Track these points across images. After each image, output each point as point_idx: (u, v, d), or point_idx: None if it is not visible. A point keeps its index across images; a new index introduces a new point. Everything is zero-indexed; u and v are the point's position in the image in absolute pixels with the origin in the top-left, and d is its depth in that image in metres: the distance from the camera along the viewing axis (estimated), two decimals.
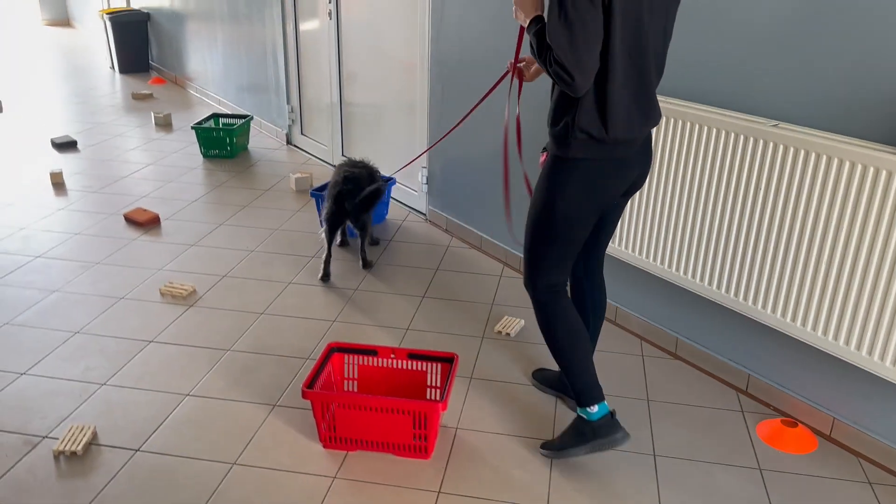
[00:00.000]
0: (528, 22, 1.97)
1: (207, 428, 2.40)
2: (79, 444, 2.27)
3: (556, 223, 2.06)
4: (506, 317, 3.10)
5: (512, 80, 2.32)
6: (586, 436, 2.20)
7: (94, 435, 2.34)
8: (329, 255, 3.46)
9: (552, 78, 1.88)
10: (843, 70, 2.16)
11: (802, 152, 2.20)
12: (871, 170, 2.05)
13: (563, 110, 1.96)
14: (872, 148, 2.07)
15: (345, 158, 4.02)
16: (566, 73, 1.82)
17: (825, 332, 2.26)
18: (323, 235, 3.50)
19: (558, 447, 2.25)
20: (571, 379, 2.20)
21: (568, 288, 2.27)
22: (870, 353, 2.16)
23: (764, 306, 2.41)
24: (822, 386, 2.40)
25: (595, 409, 2.20)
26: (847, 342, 2.21)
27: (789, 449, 2.36)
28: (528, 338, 2.97)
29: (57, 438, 2.32)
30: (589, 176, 2.00)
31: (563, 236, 2.08)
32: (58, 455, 2.25)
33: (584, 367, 2.19)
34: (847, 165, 2.10)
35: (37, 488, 2.12)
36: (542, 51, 1.87)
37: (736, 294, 2.49)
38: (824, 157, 2.15)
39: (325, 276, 3.43)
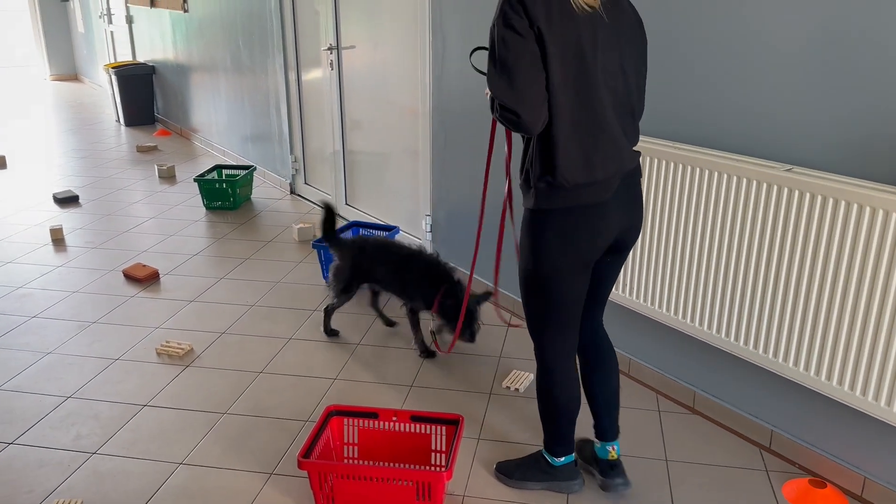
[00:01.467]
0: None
1: (201, 499, 2.27)
2: None
3: (542, 284, 1.98)
4: (514, 371, 2.98)
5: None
6: (548, 474, 2.27)
7: None
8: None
9: (504, 124, 1.83)
10: (858, 112, 2.07)
11: (820, 197, 2.10)
12: (894, 215, 1.94)
13: (523, 159, 1.91)
14: (891, 192, 1.97)
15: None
16: (510, 112, 1.76)
17: (852, 386, 2.13)
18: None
19: (518, 478, 2.31)
20: (550, 431, 2.23)
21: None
22: None
23: (785, 359, 2.29)
24: (851, 443, 2.26)
25: (562, 458, 2.26)
26: (877, 397, 2.07)
27: None
28: None
29: None
30: (560, 228, 1.90)
31: (554, 297, 1.99)
32: None
33: (566, 426, 2.21)
34: (868, 211, 2.00)
35: None
36: (492, 104, 1.84)
37: (755, 346, 2.36)
38: (843, 203, 2.05)
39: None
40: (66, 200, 5.33)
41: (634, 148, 1.97)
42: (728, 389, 2.59)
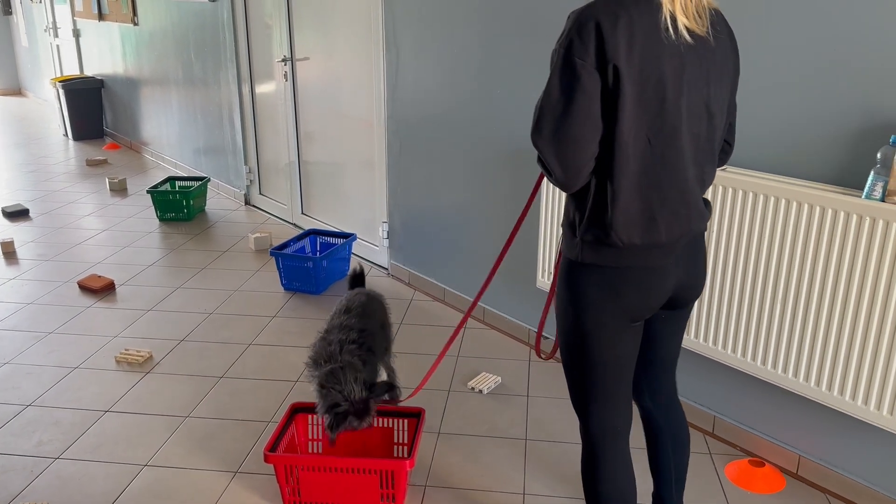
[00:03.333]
0: None
1: (167, 498, 2.31)
2: None
3: (584, 343, 1.64)
4: (483, 373, 3.07)
5: None
6: None
7: None
8: None
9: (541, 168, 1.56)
10: (786, 112, 2.24)
11: (751, 195, 2.26)
12: (818, 209, 2.11)
13: (574, 202, 1.58)
14: (821, 189, 2.14)
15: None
16: (544, 167, 1.51)
17: (784, 369, 2.28)
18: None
19: None
20: None
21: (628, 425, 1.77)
22: (829, 388, 2.19)
23: (724, 347, 2.44)
24: (787, 424, 2.42)
25: None
26: (807, 379, 2.23)
27: (758, 489, 2.36)
28: (502, 392, 2.95)
29: None
30: (607, 282, 1.58)
31: (599, 359, 1.64)
32: None
33: None
34: (794, 206, 2.16)
35: None
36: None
37: (696, 336, 2.51)
38: (772, 199, 2.21)
39: None
40: (16, 214, 5.26)
41: (706, 196, 1.70)
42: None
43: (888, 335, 2.04)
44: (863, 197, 2.03)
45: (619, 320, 1.61)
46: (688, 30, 1.44)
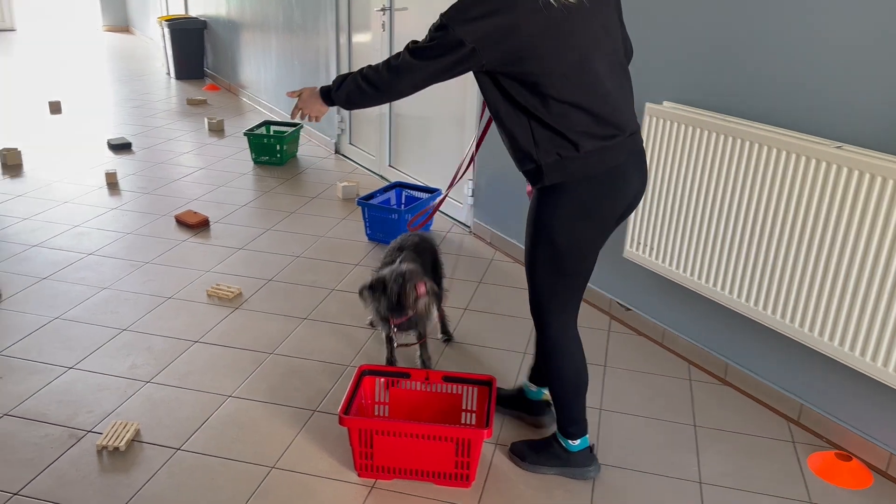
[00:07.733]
0: (327, 104, 2.17)
1: (248, 430, 2.40)
2: (122, 439, 2.29)
3: (560, 257, 1.93)
4: None
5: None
6: (561, 459, 2.23)
7: (137, 432, 2.36)
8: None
9: (359, 85, 2.05)
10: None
11: (868, 175, 2.12)
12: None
13: (521, 146, 1.89)
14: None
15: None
16: (371, 86, 2.04)
17: (885, 362, 2.17)
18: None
19: (531, 461, 2.27)
20: (561, 410, 2.19)
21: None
22: None
23: (821, 334, 2.33)
24: (879, 418, 2.31)
25: (577, 441, 2.22)
26: None
27: (843, 483, 2.27)
28: None
29: (101, 433, 2.35)
30: (581, 197, 1.87)
31: (571, 270, 1.96)
32: (101, 450, 2.28)
33: (578, 403, 2.18)
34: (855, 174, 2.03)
35: (78, 482, 2.15)
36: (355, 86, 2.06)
37: (791, 320, 2.40)
38: (886, 180, 2.07)
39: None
40: (120, 147, 5.49)
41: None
42: (760, 361, 2.64)
43: None
44: None
45: (597, 233, 1.92)
46: None
